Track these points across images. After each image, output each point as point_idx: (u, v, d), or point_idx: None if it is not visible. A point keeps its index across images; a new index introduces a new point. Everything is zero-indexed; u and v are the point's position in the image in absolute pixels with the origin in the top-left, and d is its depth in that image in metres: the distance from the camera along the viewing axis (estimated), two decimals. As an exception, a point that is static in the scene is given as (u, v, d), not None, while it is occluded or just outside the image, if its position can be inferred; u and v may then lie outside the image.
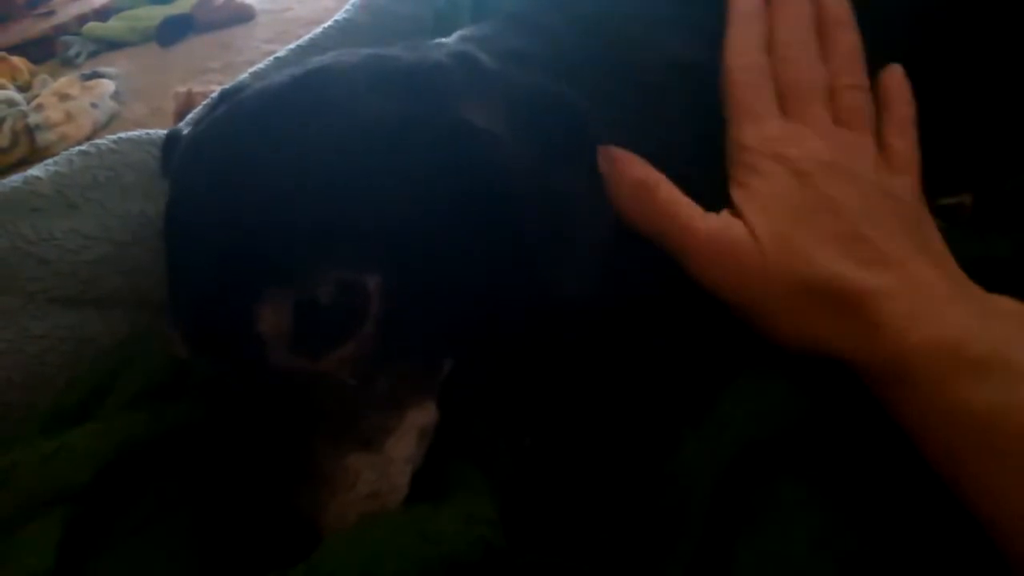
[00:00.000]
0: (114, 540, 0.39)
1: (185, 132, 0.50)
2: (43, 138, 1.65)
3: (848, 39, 0.47)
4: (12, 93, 1.91)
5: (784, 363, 0.39)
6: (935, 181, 0.56)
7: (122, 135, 0.57)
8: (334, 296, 0.36)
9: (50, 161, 0.55)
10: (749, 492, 0.36)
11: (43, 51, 2.55)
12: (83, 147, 0.56)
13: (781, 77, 0.45)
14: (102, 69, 1.99)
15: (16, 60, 2.23)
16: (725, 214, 0.41)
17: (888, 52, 0.52)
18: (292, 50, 0.72)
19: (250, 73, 0.71)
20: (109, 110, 1.81)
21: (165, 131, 0.59)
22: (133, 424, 0.41)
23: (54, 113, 1.70)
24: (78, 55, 2.44)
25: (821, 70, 0.46)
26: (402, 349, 0.38)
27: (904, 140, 0.45)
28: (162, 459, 0.41)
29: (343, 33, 0.73)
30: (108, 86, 1.87)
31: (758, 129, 0.43)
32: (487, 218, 0.38)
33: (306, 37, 0.74)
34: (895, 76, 0.47)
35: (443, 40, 0.49)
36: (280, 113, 0.39)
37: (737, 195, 0.41)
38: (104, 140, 0.56)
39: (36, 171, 0.53)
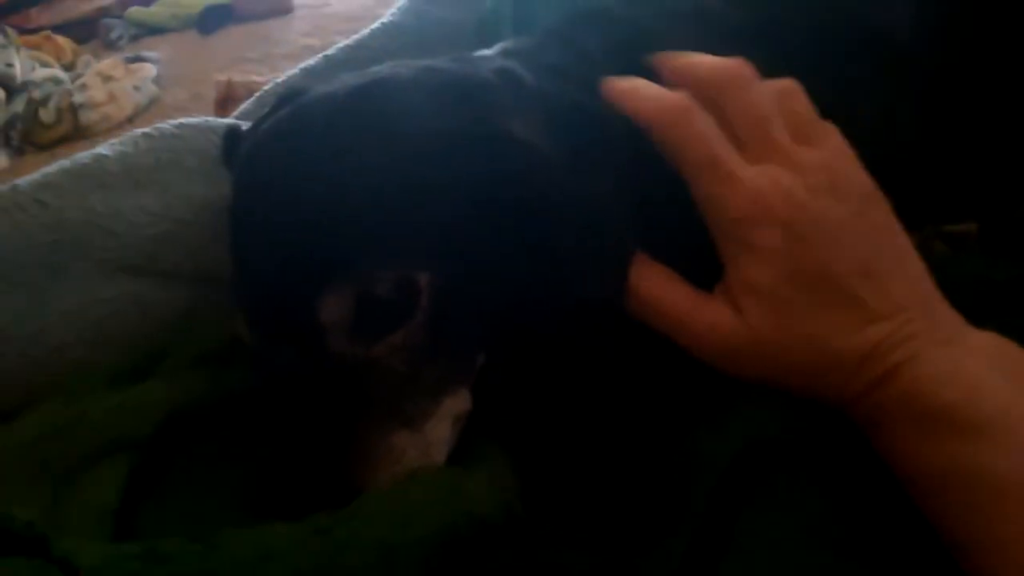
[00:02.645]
0: (168, 488, 0.43)
1: (244, 127, 0.53)
2: (86, 117, 1.70)
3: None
4: (57, 72, 1.96)
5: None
6: (943, 209, 0.60)
7: (184, 121, 0.61)
8: (389, 290, 0.40)
9: (115, 141, 0.58)
10: (750, 483, 0.39)
11: (86, 32, 2.60)
12: (147, 130, 0.59)
13: (725, 115, 0.43)
14: (145, 53, 2.04)
15: (60, 40, 2.28)
16: (720, 300, 0.41)
17: (904, 89, 0.56)
18: (341, 49, 0.76)
19: (301, 69, 0.75)
20: (150, 94, 1.86)
21: (225, 119, 0.63)
22: (193, 384, 0.45)
23: (98, 93, 1.75)
24: (120, 38, 2.49)
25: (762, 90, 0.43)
26: (444, 341, 0.42)
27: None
28: (217, 418, 0.45)
29: (389, 35, 0.76)
30: (150, 70, 1.91)
31: (732, 190, 0.40)
32: (524, 223, 0.42)
33: (354, 37, 0.78)
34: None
35: (487, 52, 0.52)
36: (343, 121, 0.42)
37: (731, 275, 0.41)
38: (166, 125, 0.60)
39: (104, 150, 0.57)
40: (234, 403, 0.46)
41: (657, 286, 0.42)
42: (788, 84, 0.44)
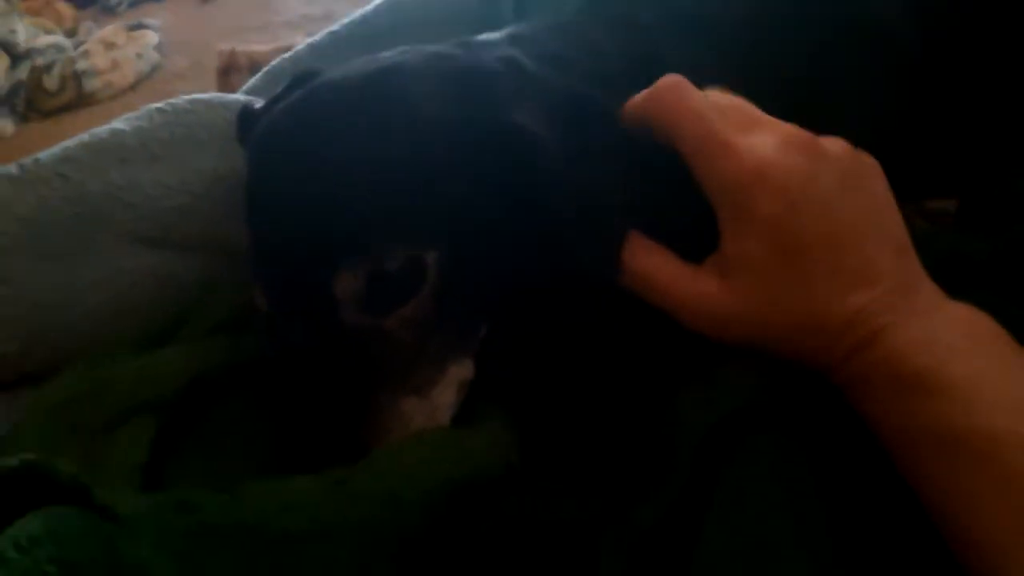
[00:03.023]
0: (191, 447, 0.46)
1: (257, 105, 0.56)
2: (89, 84, 1.72)
3: None
4: (60, 38, 1.97)
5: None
6: (923, 186, 0.62)
7: (196, 96, 0.63)
8: (399, 267, 0.42)
9: (131, 116, 0.61)
10: (732, 444, 0.42)
11: (85, -2, 2.60)
12: (160, 105, 0.61)
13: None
14: (146, 20, 2.04)
15: (60, 5, 2.28)
16: (709, 272, 0.43)
17: (889, 70, 0.58)
18: (346, 25, 0.78)
19: (307, 46, 0.76)
20: (152, 61, 1.87)
21: (235, 96, 0.65)
22: (213, 349, 0.48)
23: (100, 61, 1.76)
24: (119, 4, 2.48)
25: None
26: (450, 314, 0.45)
27: None
28: (235, 383, 0.48)
29: (392, 12, 0.78)
30: (152, 37, 1.92)
31: (731, 159, 0.42)
32: (528, 207, 0.44)
33: (358, 12, 0.79)
34: None
35: (494, 36, 0.54)
36: (357, 107, 0.44)
37: (727, 244, 0.42)
38: (179, 100, 0.62)
39: (120, 124, 0.59)
40: (251, 369, 0.49)
41: (649, 259, 0.45)
42: None
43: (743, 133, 0.43)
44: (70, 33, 2.13)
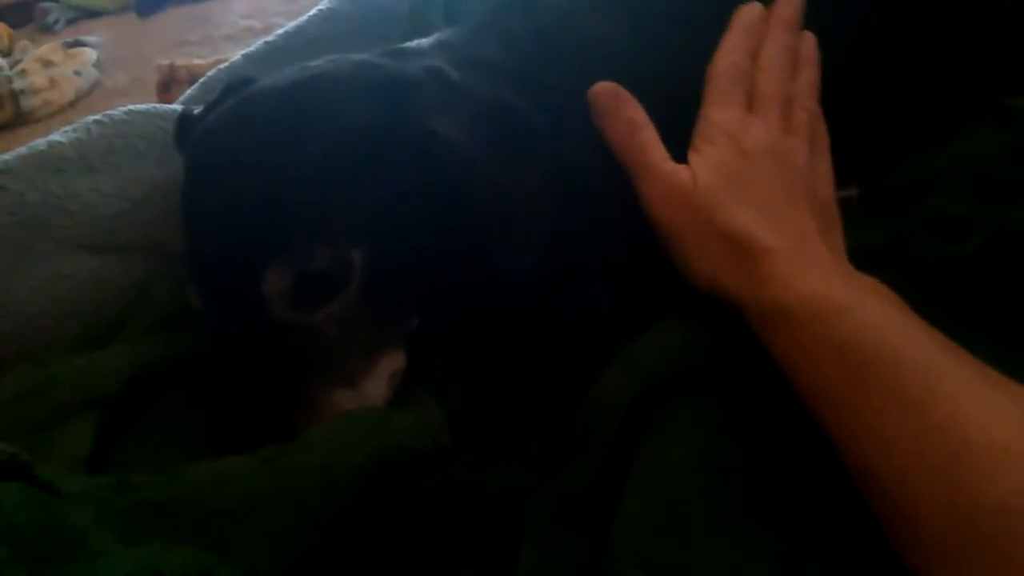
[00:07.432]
0: (134, 439, 0.48)
1: (195, 112, 0.57)
2: (27, 103, 1.69)
3: (812, 74, 0.56)
4: (-4, 58, 1.94)
5: (686, 319, 0.48)
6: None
7: (132, 107, 0.64)
8: (325, 265, 0.45)
9: (69, 128, 0.62)
10: (650, 414, 0.44)
11: (21, 16, 2.56)
12: (98, 117, 0.63)
13: (756, 81, 0.54)
14: (84, 38, 2.02)
15: (-5, 25, 2.25)
16: (682, 166, 0.50)
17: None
18: (280, 35, 0.80)
19: (243, 56, 0.78)
20: (91, 78, 1.85)
21: (170, 106, 0.67)
22: (153, 347, 0.50)
23: (38, 79, 1.73)
24: (56, 22, 2.45)
25: (788, 86, 0.54)
26: (378, 308, 0.47)
27: (827, 164, 0.55)
28: (175, 377, 0.50)
29: (326, 22, 0.80)
30: (90, 55, 1.90)
31: (724, 112, 0.52)
32: (447, 208, 0.47)
33: (293, 24, 0.81)
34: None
35: (422, 43, 0.57)
36: (285, 115, 0.47)
37: (692, 156, 0.50)
38: (116, 112, 0.64)
39: (58, 137, 0.61)
40: (189, 365, 0.51)
41: (648, 131, 0.51)
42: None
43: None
44: (6, 52, 2.10)
